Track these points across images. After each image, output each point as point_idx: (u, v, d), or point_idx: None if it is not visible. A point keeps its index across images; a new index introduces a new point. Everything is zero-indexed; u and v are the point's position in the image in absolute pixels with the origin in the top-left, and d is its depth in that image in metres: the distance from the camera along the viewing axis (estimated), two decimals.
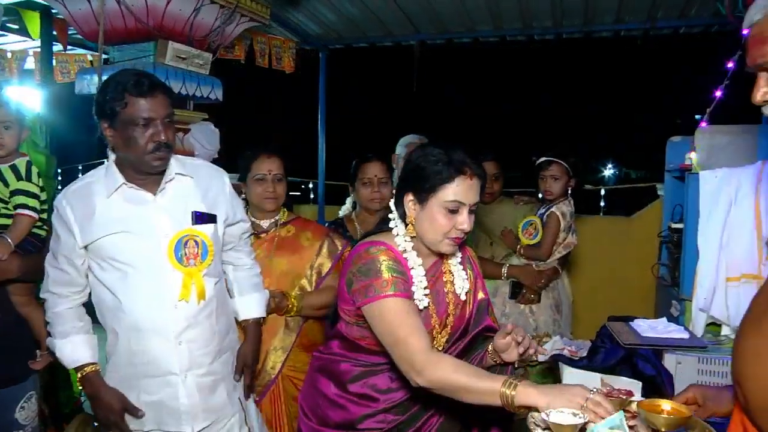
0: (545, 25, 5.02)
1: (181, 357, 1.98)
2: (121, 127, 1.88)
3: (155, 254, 1.95)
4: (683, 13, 4.52)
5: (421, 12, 4.82)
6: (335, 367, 1.90)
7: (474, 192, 1.74)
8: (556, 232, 3.29)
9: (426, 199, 1.74)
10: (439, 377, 1.56)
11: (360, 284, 1.73)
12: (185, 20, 3.26)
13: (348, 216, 3.17)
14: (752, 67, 1.22)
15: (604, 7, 4.58)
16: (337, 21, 5.13)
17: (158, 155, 1.91)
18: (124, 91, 1.85)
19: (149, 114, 1.87)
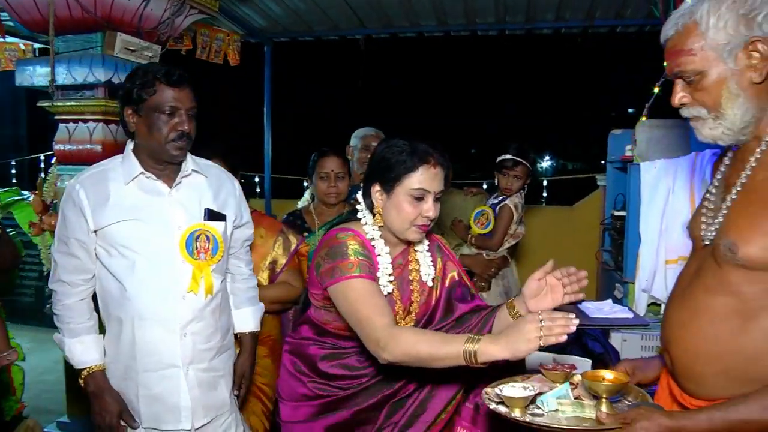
0: (488, 21, 5.15)
1: (184, 349, 1.99)
2: (146, 114, 1.94)
3: (166, 245, 1.97)
4: (619, 13, 4.73)
5: (366, 6, 4.86)
6: (305, 350, 1.97)
7: (438, 180, 1.81)
8: (509, 224, 3.42)
9: (392, 188, 1.80)
10: (403, 350, 1.59)
11: (327, 266, 1.79)
12: (134, 11, 3.21)
13: (306, 208, 3.21)
14: (670, 75, 1.37)
15: (545, 5, 4.74)
16: (282, 14, 5.11)
17: (179, 144, 1.96)
18: (155, 79, 1.92)
19: (176, 103, 1.94)
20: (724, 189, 1.40)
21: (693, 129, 1.40)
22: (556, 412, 1.39)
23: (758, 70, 1.27)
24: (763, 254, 1.24)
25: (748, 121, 1.31)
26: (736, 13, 1.26)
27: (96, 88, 3.17)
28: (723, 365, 1.30)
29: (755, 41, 1.26)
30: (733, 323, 1.29)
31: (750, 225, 1.27)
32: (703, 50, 1.29)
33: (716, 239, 1.35)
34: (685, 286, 1.44)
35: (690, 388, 1.39)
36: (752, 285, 1.27)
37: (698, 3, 1.30)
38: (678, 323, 1.41)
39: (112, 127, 3.23)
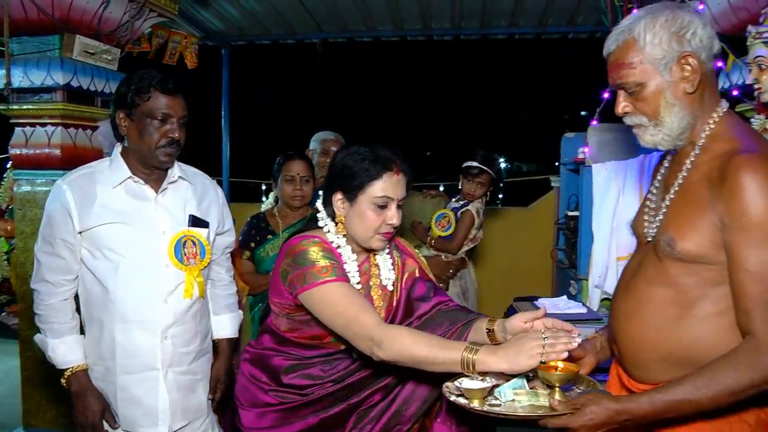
0: (444, 27, 5.25)
1: (164, 352, 2.01)
2: (138, 119, 1.97)
3: (151, 249, 2.00)
4: (571, 20, 4.89)
5: (323, 10, 4.89)
6: (268, 362, 1.92)
7: (401, 187, 1.79)
8: (470, 228, 3.51)
9: (355, 196, 1.77)
10: (398, 349, 1.58)
11: (296, 273, 1.75)
12: (93, 13, 3.18)
13: (270, 211, 3.23)
14: (612, 86, 1.49)
15: (499, 12, 4.86)
16: (240, 17, 5.11)
17: (168, 151, 1.99)
18: (150, 86, 1.95)
19: (169, 111, 1.98)
20: (663, 189, 1.51)
21: (636, 136, 1.50)
22: (513, 402, 1.47)
23: (690, 81, 1.39)
24: (697, 248, 1.35)
25: (684, 127, 1.42)
26: (669, 30, 1.38)
27: (54, 91, 3.13)
28: (664, 352, 1.41)
29: (686, 56, 1.38)
30: (673, 312, 1.40)
31: (686, 222, 1.38)
32: (642, 64, 1.40)
33: (657, 236, 1.45)
34: (628, 279, 1.55)
35: (636, 374, 1.50)
36: (689, 277, 1.38)
37: (636, 21, 1.42)
38: (623, 314, 1.52)
39: (71, 130, 3.19)
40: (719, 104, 1.45)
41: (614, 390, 1.60)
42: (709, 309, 1.36)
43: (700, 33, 1.39)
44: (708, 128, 1.42)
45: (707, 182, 1.36)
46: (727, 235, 1.30)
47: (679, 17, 1.39)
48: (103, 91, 3.36)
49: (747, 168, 1.27)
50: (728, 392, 1.27)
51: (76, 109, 3.20)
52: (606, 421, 1.33)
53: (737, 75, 2.87)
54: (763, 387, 1.27)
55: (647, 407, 1.32)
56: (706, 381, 1.28)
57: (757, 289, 1.27)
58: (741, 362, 1.27)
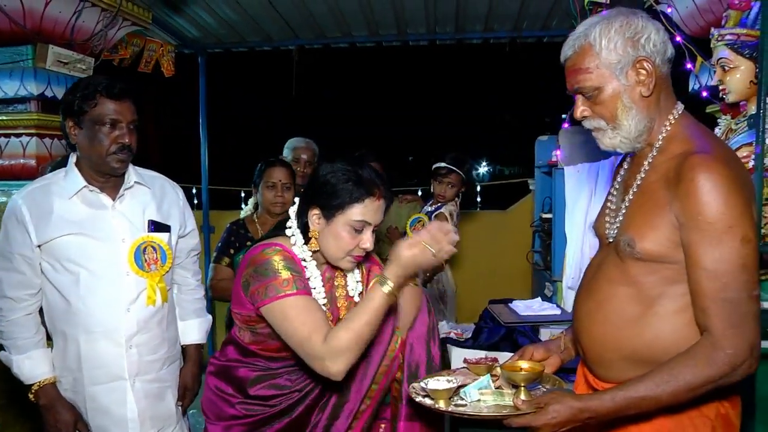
0: (419, 32, 5.27)
1: (130, 361, 2.01)
2: (87, 126, 1.95)
3: (111, 258, 2.00)
4: (546, 24, 4.94)
5: (299, 17, 4.88)
6: (234, 373, 1.89)
7: (380, 213, 1.76)
8: None
9: (333, 215, 1.73)
10: (342, 345, 1.59)
11: (258, 285, 1.71)
12: (66, 23, 3.17)
13: (249, 217, 3.23)
14: (570, 91, 1.51)
15: (474, 16, 4.90)
16: (216, 25, 5.09)
17: (120, 157, 1.98)
18: (96, 92, 1.93)
19: (117, 116, 1.96)
20: (623, 191, 1.54)
21: (595, 139, 1.53)
22: (479, 402, 1.50)
23: (646, 84, 1.42)
24: (656, 248, 1.38)
25: (641, 130, 1.45)
26: (624, 35, 1.41)
27: (28, 102, 3.12)
28: (626, 350, 1.44)
29: (641, 60, 1.41)
30: (634, 310, 1.43)
31: (645, 222, 1.40)
32: (598, 68, 1.43)
33: (617, 236, 1.48)
34: (590, 279, 1.58)
35: (600, 373, 1.53)
36: (649, 275, 1.41)
37: (591, 26, 1.45)
38: (585, 314, 1.55)
39: (46, 141, 3.18)
40: (675, 106, 1.48)
41: (581, 389, 1.62)
42: (668, 307, 1.39)
43: (654, 38, 1.42)
44: (665, 130, 1.46)
45: (664, 182, 1.39)
46: (684, 233, 1.33)
47: (633, 23, 1.42)
48: None
49: (701, 168, 1.30)
50: (687, 388, 1.30)
51: (50, 119, 3.19)
52: (569, 419, 1.35)
53: (707, 76, 2.94)
54: (719, 382, 1.30)
55: (609, 405, 1.35)
56: (666, 377, 1.31)
57: (713, 287, 1.30)
58: (699, 358, 1.30)
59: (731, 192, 1.28)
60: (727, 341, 1.28)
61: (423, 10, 4.71)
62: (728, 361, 1.28)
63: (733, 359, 1.28)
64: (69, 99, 1.97)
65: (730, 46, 2.20)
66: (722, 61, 2.24)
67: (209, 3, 4.52)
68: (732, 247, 1.28)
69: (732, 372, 1.29)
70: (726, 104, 2.36)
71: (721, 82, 2.29)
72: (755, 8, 2.14)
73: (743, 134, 2.18)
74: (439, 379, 1.57)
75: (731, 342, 1.28)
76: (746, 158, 2.07)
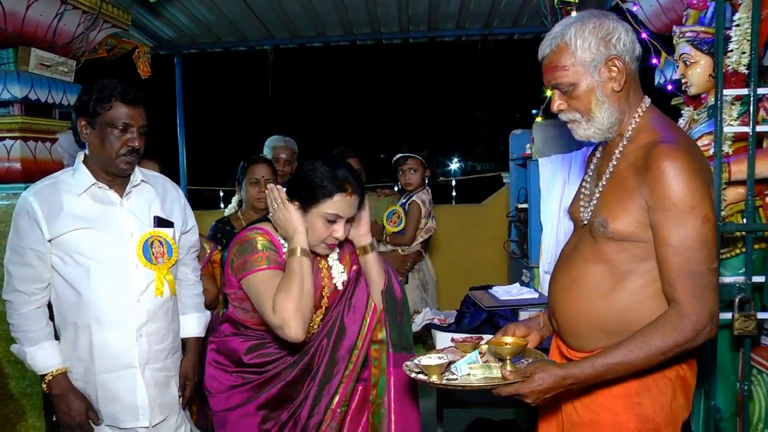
0: (393, 31, 5.35)
1: (141, 350, 2.10)
2: (99, 127, 2.03)
3: (120, 251, 2.08)
4: (516, 22, 5.08)
5: (274, 17, 4.92)
6: (229, 345, 2.09)
7: (352, 207, 1.95)
8: (418, 218, 3.65)
9: (309, 208, 1.93)
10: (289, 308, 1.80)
11: (239, 261, 1.93)
12: (47, 26, 3.21)
13: (234, 214, 3.31)
14: (547, 86, 1.64)
15: (446, 15, 5.00)
16: (191, 26, 5.11)
17: (128, 159, 2.06)
18: (111, 96, 2.01)
19: (129, 121, 2.04)
20: (596, 177, 1.67)
21: (570, 130, 1.66)
22: (468, 376, 1.61)
23: (617, 80, 1.56)
24: (626, 228, 1.51)
25: (613, 121, 1.58)
26: (597, 36, 1.54)
27: (12, 105, 3.15)
28: (599, 321, 1.58)
29: (613, 58, 1.54)
30: (606, 285, 1.57)
31: (617, 204, 1.54)
32: (573, 66, 1.56)
33: (591, 218, 1.62)
34: (565, 259, 1.72)
35: (573, 343, 1.66)
36: (620, 253, 1.55)
37: (567, 27, 1.57)
38: (560, 289, 1.69)
39: (30, 143, 3.21)
40: (643, 100, 1.62)
41: (555, 360, 1.75)
42: (637, 281, 1.54)
43: (624, 38, 1.55)
44: (634, 122, 1.59)
45: (634, 169, 1.52)
46: (652, 215, 1.47)
47: (605, 24, 1.55)
48: (61, 103, 3.38)
49: (666, 156, 1.44)
50: (658, 352, 1.45)
51: (34, 122, 3.22)
52: (553, 385, 1.48)
53: (671, 71, 3.09)
54: (685, 346, 1.45)
55: (589, 371, 1.48)
56: (639, 344, 1.45)
57: (679, 261, 1.44)
58: (668, 326, 1.44)
59: (692, 177, 1.42)
60: (691, 309, 1.43)
61: (396, 9, 4.79)
62: (693, 327, 1.43)
63: (696, 325, 1.43)
64: (84, 100, 2.03)
65: (690, 43, 2.34)
66: (684, 57, 2.38)
67: (185, 4, 4.55)
68: (694, 226, 1.42)
69: (695, 336, 1.44)
70: (688, 96, 2.50)
71: (683, 76, 2.42)
72: (711, 7, 2.28)
73: (704, 124, 2.32)
74: (431, 357, 1.69)
75: (695, 310, 1.43)
76: (707, 146, 2.21)
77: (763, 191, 2.16)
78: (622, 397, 1.57)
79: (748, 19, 2.04)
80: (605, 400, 1.59)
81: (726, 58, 2.14)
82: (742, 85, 2.10)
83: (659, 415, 1.56)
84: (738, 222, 2.15)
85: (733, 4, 2.21)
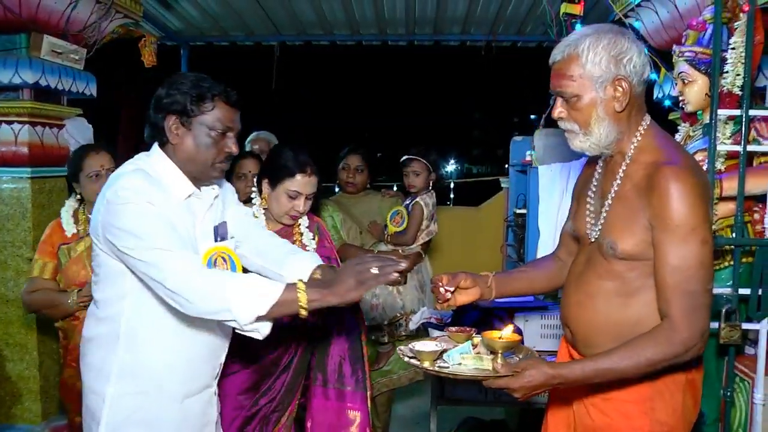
0: (399, 33, 5.42)
1: (215, 367, 1.92)
2: (195, 129, 1.78)
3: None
4: (520, 30, 5.15)
5: (282, 14, 4.97)
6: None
7: (312, 185, 2.36)
8: (420, 220, 3.71)
9: (275, 185, 2.36)
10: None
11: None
12: (61, 13, 3.25)
13: None
14: (552, 92, 1.67)
15: (452, 20, 5.07)
16: (199, 18, 5.15)
17: (223, 166, 1.85)
18: (215, 96, 1.78)
19: (231, 124, 1.81)
20: (600, 196, 1.71)
21: (567, 138, 1.69)
22: (459, 366, 1.67)
23: (620, 101, 1.58)
24: (636, 249, 1.57)
25: (610, 140, 1.61)
26: (609, 53, 1.56)
27: (22, 90, 3.19)
28: (614, 333, 1.62)
29: (620, 79, 1.57)
30: (620, 301, 1.63)
31: (624, 227, 1.59)
32: (581, 78, 1.58)
33: (600, 238, 1.66)
34: (579, 274, 1.76)
35: (588, 353, 1.70)
36: (631, 271, 1.60)
37: (582, 38, 1.59)
38: (575, 304, 1.74)
39: (38, 128, 3.26)
40: (644, 119, 1.65)
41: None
42: (649, 294, 1.58)
43: (635, 60, 1.57)
44: (635, 140, 1.62)
45: (638, 190, 1.57)
46: (655, 234, 1.53)
47: (619, 43, 1.57)
48: (70, 90, 3.43)
49: (671, 179, 1.48)
50: (647, 363, 1.50)
51: (43, 107, 3.27)
52: (542, 383, 1.54)
53: (669, 86, 3.17)
54: (673, 361, 1.51)
55: (578, 373, 1.54)
56: (630, 353, 1.51)
57: (677, 280, 1.50)
58: (659, 340, 1.50)
59: (696, 199, 1.48)
60: (684, 327, 1.49)
61: (404, 10, 4.85)
62: (683, 343, 1.49)
63: (687, 342, 1.49)
64: (177, 97, 1.76)
65: (688, 62, 2.40)
66: (682, 75, 2.44)
67: None
68: (694, 247, 1.48)
69: (685, 352, 1.50)
70: (685, 113, 2.57)
71: (681, 94, 2.49)
72: (709, 30, 2.35)
73: (699, 140, 2.39)
74: (427, 343, 1.76)
75: (687, 327, 1.49)
76: (701, 161, 2.28)
77: (752, 207, 2.24)
78: (636, 402, 1.62)
79: (743, 44, 2.11)
80: (620, 405, 1.63)
81: (721, 78, 2.21)
82: (735, 106, 2.17)
83: (672, 418, 1.61)
84: (728, 236, 2.23)
85: (729, 28, 2.29)
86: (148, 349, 1.77)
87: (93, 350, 1.81)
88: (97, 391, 1.77)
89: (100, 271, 1.80)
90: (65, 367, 2.70)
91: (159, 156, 1.81)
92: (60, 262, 2.65)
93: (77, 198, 2.75)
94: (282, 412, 2.33)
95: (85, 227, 2.67)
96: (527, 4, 4.53)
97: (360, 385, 2.36)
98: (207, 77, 1.81)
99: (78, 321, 2.56)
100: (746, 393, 2.16)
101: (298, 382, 2.37)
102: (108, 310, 1.79)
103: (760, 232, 2.11)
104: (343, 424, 2.33)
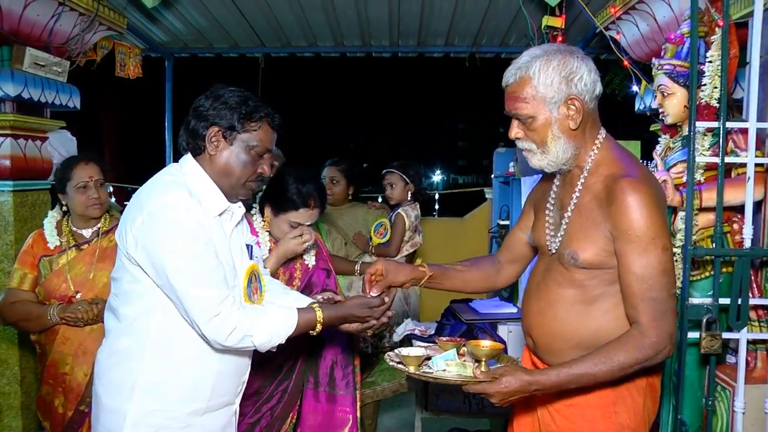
0: (383, 44, 5.46)
1: (238, 384, 1.91)
2: (237, 145, 1.78)
3: (232, 286, 1.78)
4: (503, 41, 5.20)
5: (266, 25, 4.98)
6: None
7: (313, 217, 2.45)
8: (403, 231, 3.74)
9: (279, 213, 2.43)
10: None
11: None
12: (43, 26, 3.25)
13: None
14: (508, 113, 1.71)
15: (435, 31, 5.10)
16: (184, 30, 5.15)
17: (255, 186, 1.87)
18: (263, 117, 1.80)
19: (270, 146, 1.84)
20: (560, 208, 1.75)
21: (525, 158, 1.74)
22: (444, 372, 1.73)
23: (574, 119, 1.63)
24: (596, 258, 1.62)
25: (567, 156, 1.66)
26: (560, 74, 1.60)
27: (4, 103, 3.18)
28: (575, 341, 1.68)
29: (573, 98, 1.61)
30: (580, 308, 1.68)
31: (584, 237, 1.64)
32: (534, 99, 1.62)
33: (560, 249, 1.71)
34: (538, 282, 1.81)
35: (550, 360, 1.76)
36: (591, 280, 1.66)
37: (533, 59, 1.63)
38: (537, 312, 1.79)
39: (21, 141, 3.24)
40: (599, 132, 1.70)
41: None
42: (609, 301, 1.65)
43: (586, 78, 1.62)
44: (592, 154, 1.68)
45: (597, 202, 1.63)
46: (617, 244, 1.58)
47: (569, 63, 1.61)
48: (53, 103, 3.42)
49: (629, 190, 1.54)
50: (619, 367, 1.55)
51: (26, 120, 3.26)
52: (519, 389, 1.57)
53: (650, 98, 3.21)
54: (644, 364, 1.56)
55: (555, 379, 1.58)
56: (603, 359, 1.56)
57: (642, 287, 1.55)
58: (630, 344, 1.55)
59: (654, 210, 1.54)
60: (652, 331, 1.55)
61: (387, 23, 4.88)
62: (653, 347, 1.55)
63: (657, 345, 1.55)
64: (225, 111, 1.76)
65: (668, 75, 2.44)
66: (661, 88, 2.48)
67: (179, 9, 4.59)
68: (655, 255, 1.54)
69: (655, 355, 1.56)
70: (665, 125, 2.61)
71: (661, 106, 2.53)
72: (687, 43, 2.40)
73: (679, 152, 2.43)
74: (414, 348, 1.85)
75: (655, 332, 1.55)
76: (681, 173, 2.32)
77: (731, 218, 2.27)
78: (600, 407, 1.67)
79: (719, 57, 2.15)
80: (583, 410, 1.69)
81: (699, 91, 2.26)
82: (713, 118, 2.21)
83: (633, 420, 1.68)
84: (708, 246, 2.26)
85: (706, 42, 2.33)
86: (176, 366, 1.73)
87: (113, 366, 1.76)
88: (115, 410, 1.72)
89: (125, 283, 1.75)
90: (43, 384, 2.64)
91: (194, 167, 1.80)
92: (41, 274, 2.61)
93: (62, 210, 2.70)
94: (284, 419, 2.37)
95: (68, 240, 2.64)
96: (509, 17, 4.57)
97: (350, 389, 2.44)
98: (253, 95, 1.82)
99: (55, 335, 2.53)
100: (727, 401, 2.19)
101: (300, 387, 2.43)
102: (133, 324, 1.73)
103: (739, 242, 2.13)
104: (333, 426, 2.41)
